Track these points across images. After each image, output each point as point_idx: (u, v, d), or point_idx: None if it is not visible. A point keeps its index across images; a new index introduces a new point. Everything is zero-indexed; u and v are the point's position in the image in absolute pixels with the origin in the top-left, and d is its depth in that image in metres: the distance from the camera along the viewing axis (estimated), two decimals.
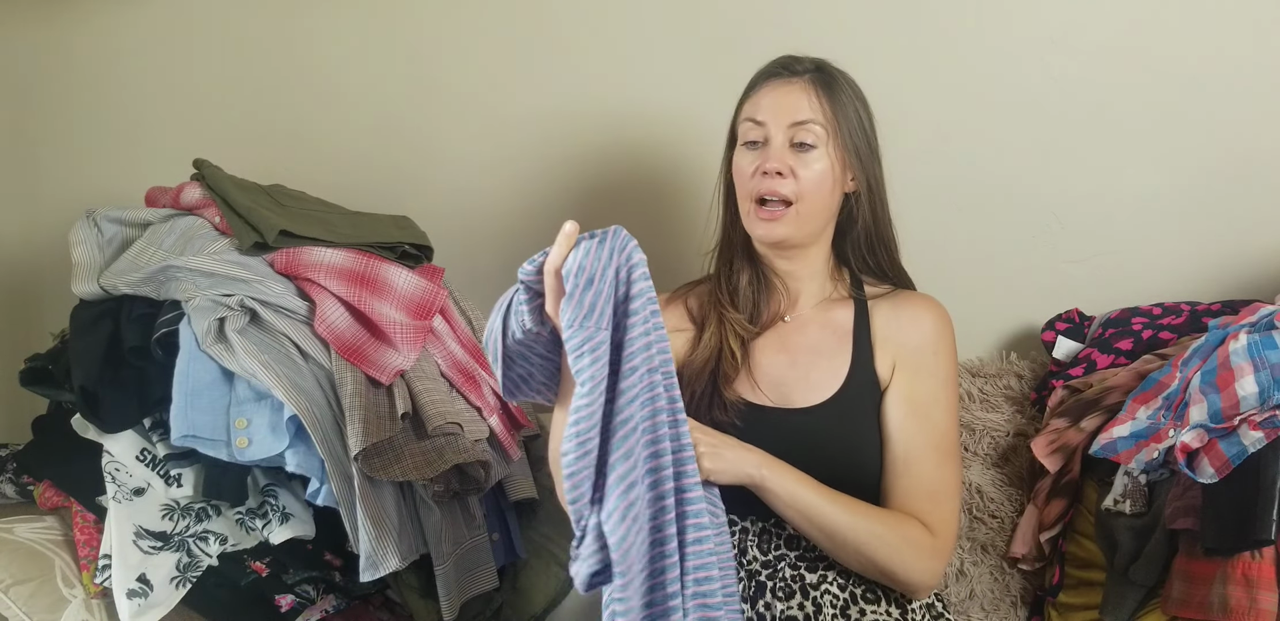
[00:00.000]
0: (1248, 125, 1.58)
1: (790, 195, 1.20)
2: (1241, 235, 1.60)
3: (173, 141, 1.93)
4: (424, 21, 1.83)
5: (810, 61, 1.25)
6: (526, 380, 1.06)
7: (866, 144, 1.23)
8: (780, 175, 1.19)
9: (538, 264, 1.00)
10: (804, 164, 1.20)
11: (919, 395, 1.20)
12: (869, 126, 1.25)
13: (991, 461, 1.52)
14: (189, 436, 1.27)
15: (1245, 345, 1.17)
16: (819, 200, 1.21)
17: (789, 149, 1.20)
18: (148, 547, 1.28)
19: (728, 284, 1.30)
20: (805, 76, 1.23)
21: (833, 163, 1.21)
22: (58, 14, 1.95)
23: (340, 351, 1.36)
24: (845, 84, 1.25)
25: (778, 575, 1.20)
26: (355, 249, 1.46)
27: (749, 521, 1.21)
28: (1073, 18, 1.61)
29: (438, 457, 1.35)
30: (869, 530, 1.11)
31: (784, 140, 1.20)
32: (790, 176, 1.19)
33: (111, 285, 1.39)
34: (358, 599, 1.39)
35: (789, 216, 1.21)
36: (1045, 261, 1.68)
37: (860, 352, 1.24)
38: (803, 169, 1.19)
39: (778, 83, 1.23)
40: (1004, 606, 1.46)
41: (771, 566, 1.21)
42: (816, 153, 1.20)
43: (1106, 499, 1.32)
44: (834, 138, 1.20)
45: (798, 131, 1.20)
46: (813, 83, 1.22)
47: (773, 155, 1.20)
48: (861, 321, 1.26)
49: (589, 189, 1.83)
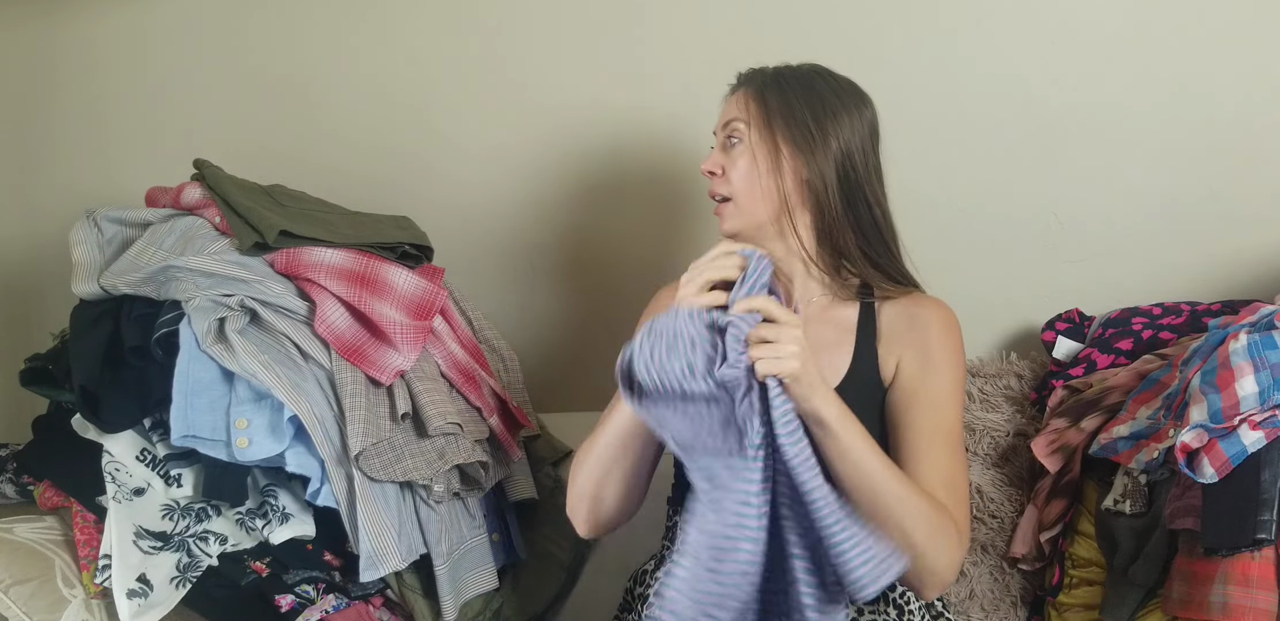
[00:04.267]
0: (1247, 125, 1.58)
1: (725, 192, 1.25)
2: (1241, 235, 1.60)
3: (173, 141, 1.93)
4: (424, 22, 1.83)
5: (768, 70, 1.28)
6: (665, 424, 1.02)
7: (808, 133, 1.22)
8: (714, 174, 1.26)
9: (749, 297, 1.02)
10: (730, 161, 1.25)
11: (928, 390, 1.19)
12: (818, 117, 1.23)
13: (992, 461, 1.52)
14: (189, 436, 1.27)
15: (1245, 345, 1.17)
16: (754, 192, 1.23)
17: (723, 150, 1.27)
18: (148, 547, 1.28)
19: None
20: (747, 85, 1.27)
21: (756, 154, 1.23)
22: (58, 14, 1.95)
23: (340, 351, 1.36)
24: (795, 82, 1.25)
25: None
26: (355, 249, 1.46)
27: None
28: (1073, 18, 1.61)
29: (438, 458, 1.35)
30: (917, 506, 1.06)
31: (720, 142, 1.27)
32: (722, 175, 1.25)
33: (111, 285, 1.38)
34: (358, 599, 1.39)
35: (729, 211, 1.26)
36: (1045, 261, 1.68)
37: (862, 349, 1.24)
38: (729, 165, 1.25)
39: (728, 95, 1.30)
40: (1004, 606, 1.46)
41: None
42: (740, 147, 1.24)
43: (1106, 499, 1.32)
44: (756, 130, 1.23)
45: (727, 132, 1.26)
46: (749, 87, 1.26)
47: (709, 158, 1.27)
48: (867, 320, 1.26)
49: (590, 189, 1.83)
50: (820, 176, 1.22)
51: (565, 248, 1.87)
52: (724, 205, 1.26)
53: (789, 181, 1.23)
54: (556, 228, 1.86)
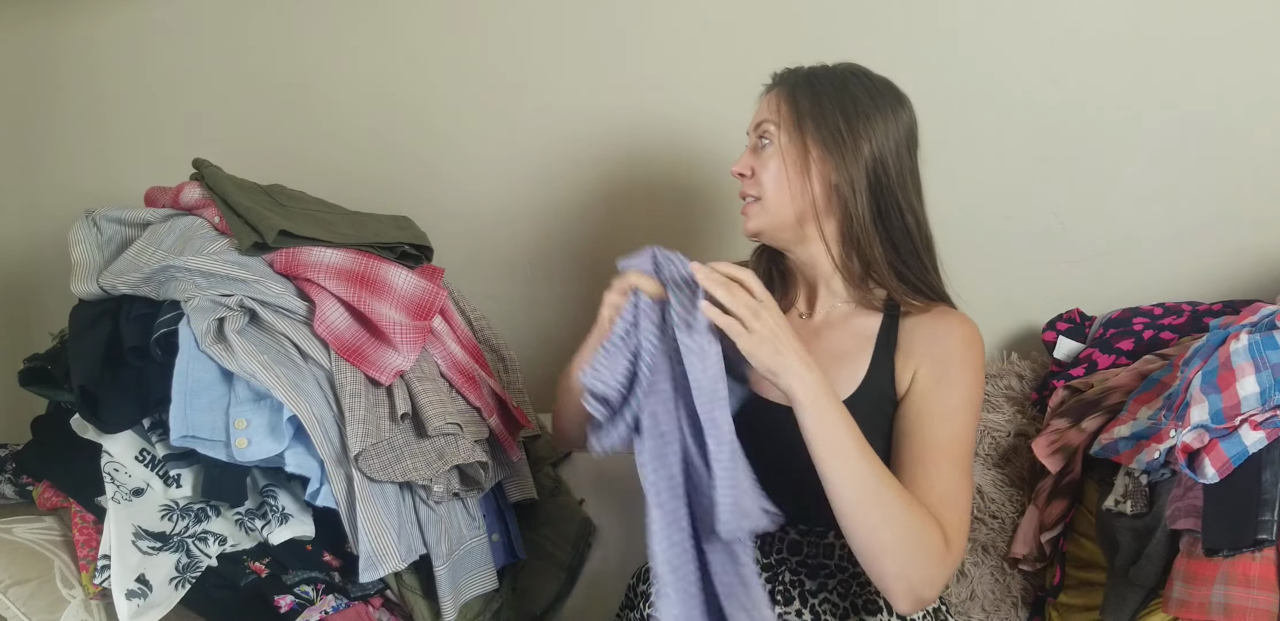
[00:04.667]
0: (1247, 125, 1.58)
1: (754, 192, 1.25)
2: (1242, 235, 1.60)
3: (173, 141, 1.93)
4: (424, 22, 1.83)
5: (802, 70, 1.26)
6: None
7: (838, 136, 1.20)
8: (743, 176, 1.26)
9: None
10: (760, 162, 1.24)
11: (940, 404, 1.16)
12: (850, 119, 1.21)
13: (992, 462, 1.52)
14: (188, 437, 1.27)
15: (1246, 345, 1.17)
16: (781, 193, 1.23)
17: (753, 152, 1.26)
18: (147, 548, 1.28)
19: (761, 272, 1.33)
20: (780, 86, 1.26)
21: (785, 157, 1.22)
22: (58, 14, 1.95)
23: (340, 352, 1.36)
24: (828, 82, 1.23)
25: (777, 579, 1.19)
26: (355, 249, 1.46)
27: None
28: (1073, 18, 1.61)
29: (437, 458, 1.35)
30: (897, 509, 1.04)
31: (751, 144, 1.27)
32: (752, 177, 1.25)
33: (111, 285, 1.38)
34: (357, 599, 1.39)
35: (756, 210, 1.25)
36: (1045, 261, 1.67)
37: (880, 360, 1.22)
38: (760, 167, 1.24)
39: (762, 95, 1.29)
40: (1005, 607, 1.46)
41: (771, 570, 1.20)
42: (770, 149, 1.23)
43: (1107, 499, 1.31)
44: (785, 132, 1.22)
45: (758, 134, 1.26)
46: (782, 87, 1.25)
47: (739, 160, 1.27)
48: (888, 331, 1.24)
49: (590, 188, 1.83)
50: (849, 181, 1.19)
51: (565, 247, 1.87)
52: (751, 204, 1.25)
53: (817, 186, 1.21)
54: (556, 227, 1.86)
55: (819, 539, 1.22)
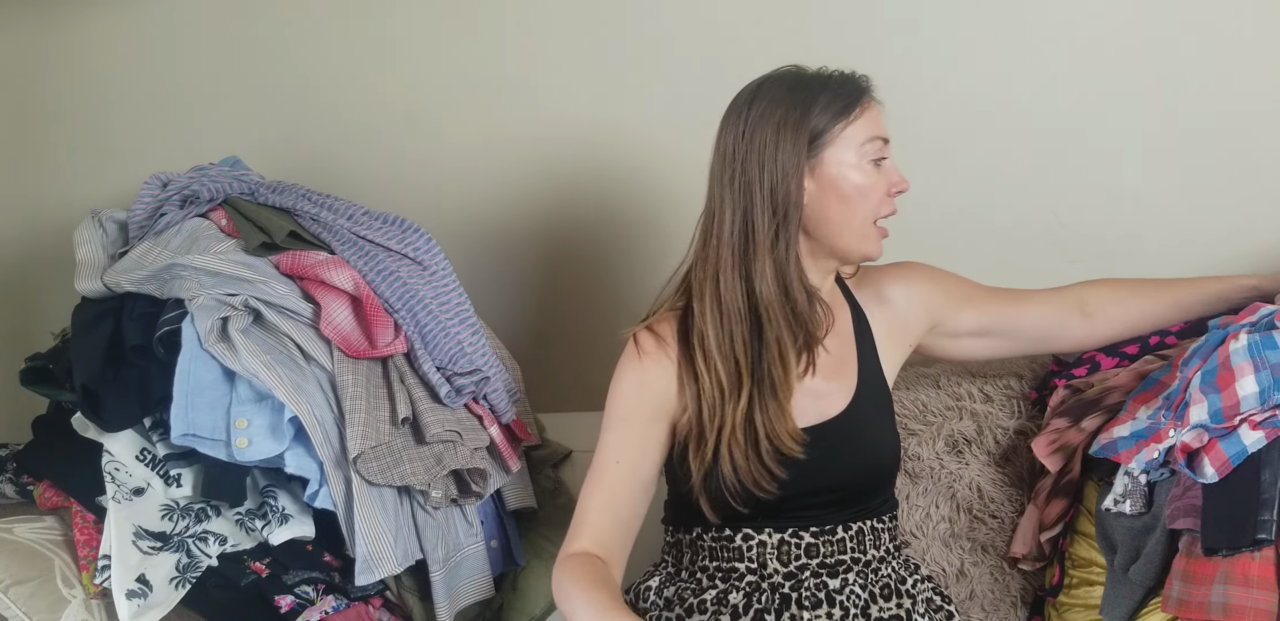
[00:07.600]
0: (1247, 125, 1.57)
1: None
2: (1241, 235, 1.60)
3: (172, 141, 1.93)
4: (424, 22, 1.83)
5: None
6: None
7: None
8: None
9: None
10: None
11: (967, 285, 1.33)
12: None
13: (992, 461, 1.52)
14: (189, 436, 1.27)
15: (1245, 345, 1.17)
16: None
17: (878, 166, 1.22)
18: (147, 548, 1.28)
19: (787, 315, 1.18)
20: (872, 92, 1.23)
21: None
22: (58, 14, 1.95)
23: (347, 350, 1.36)
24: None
25: (802, 585, 1.20)
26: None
27: (765, 534, 1.21)
28: (1073, 18, 1.61)
29: (436, 463, 1.35)
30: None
31: (884, 155, 1.22)
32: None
33: (115, 282, 1.38)
34: (357, 600, 1.39)
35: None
36: (1045, 261, 1.67)
37: (865, 355, 1.27)
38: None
39: (869, 101, 1.21)
40: (1004, 606, 1.46)
41: (794, 577, 1.21)
42: (889, 163, 1.22)
43: (1106, 499, 1.31)
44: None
45: (884, 148, 1.21)
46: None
47: (901, 175, 1.21)
48: (859, 322, 1.28)
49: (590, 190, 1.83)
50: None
51: (565, 247, 1.87)
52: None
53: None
54: (556, 227, 1.86)
55: (830, 536, 1.23)
